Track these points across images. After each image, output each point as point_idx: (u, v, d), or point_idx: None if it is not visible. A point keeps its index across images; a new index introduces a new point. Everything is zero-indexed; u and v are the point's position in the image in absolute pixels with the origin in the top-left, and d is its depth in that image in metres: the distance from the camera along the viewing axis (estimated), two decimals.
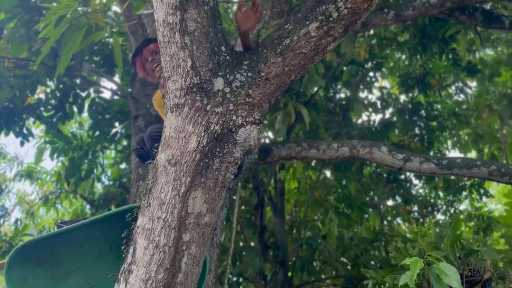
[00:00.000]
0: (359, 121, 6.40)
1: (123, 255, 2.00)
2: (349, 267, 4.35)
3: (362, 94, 6.62)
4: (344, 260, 4.48)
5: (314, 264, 4.76)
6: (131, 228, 2.00)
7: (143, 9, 2.91)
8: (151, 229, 1.77)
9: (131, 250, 1.84)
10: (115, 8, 3.40)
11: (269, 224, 5.21)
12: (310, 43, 1.79)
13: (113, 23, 2.34)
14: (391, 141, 5.61)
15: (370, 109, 6.06)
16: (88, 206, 8.28)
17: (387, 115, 6.48)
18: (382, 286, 2.50)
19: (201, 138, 1.77)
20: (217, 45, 1.84)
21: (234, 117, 1.79)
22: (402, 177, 7.51)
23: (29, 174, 9.01)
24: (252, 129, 1.82)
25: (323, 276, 5.08)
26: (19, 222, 7.74)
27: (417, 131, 6.87)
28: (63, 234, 2.09)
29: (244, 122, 1.81)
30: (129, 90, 3.82)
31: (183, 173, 1.77)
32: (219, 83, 1.81)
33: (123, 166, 7.15)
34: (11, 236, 6.69)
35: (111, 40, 3.18)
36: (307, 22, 1.79)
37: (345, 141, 3.23)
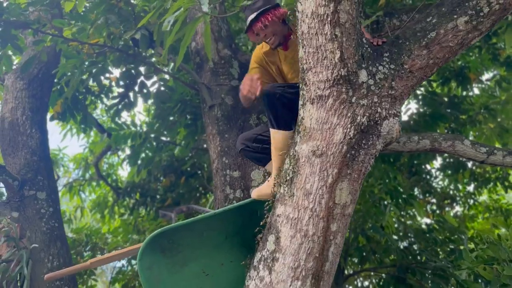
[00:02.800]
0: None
1: (256, 244, 2.05)
2: (405, 256, 4.39)
3: None
4: (402, 247, 4.53)
5: (364, 254, 4.82)
6: (265, 217, 2.03)
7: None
8: (298, 219, 1.80)
9: (271, 239, 1.87)
10: None
11: None
12: (457, 37, 1.80)
13: (209, 13, 2.33)
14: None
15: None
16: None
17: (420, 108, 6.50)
18: (478, 278, 2.54)
19: (348, 130, 1.78)
20: (360, 37, 1.85)
21: (379, 109, 1.81)
22: (423, 169, 7.55)
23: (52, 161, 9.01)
24: (395, 122, 1.84)
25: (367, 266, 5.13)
26: None
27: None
28: (189, 224, 2.12)
29: (387, 115, 1.83)
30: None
31: (330, 164, 1.79)
32: (363, 75, 1.82)
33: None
34: None
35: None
36: (455, 16, 1.79)
37: (426, 134, 3.24)
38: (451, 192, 8.17)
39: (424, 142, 3.23)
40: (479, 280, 2.95)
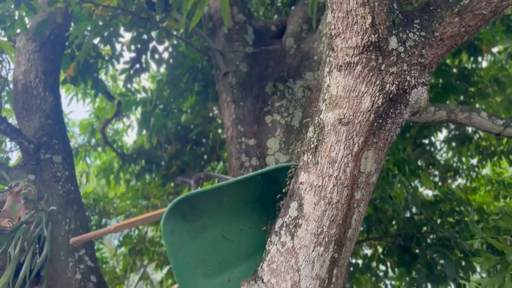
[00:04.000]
0: None
1: (277, 210, 2.06)
2: (411, 226, 4.46)
3: None
4: (408, 217, 4.59)
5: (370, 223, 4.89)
6: (287, 184, 2.04)
7: None
8: (322, 186, 1.80)
9: (294, 205, 1.89)
10: None
11: None
12: (491, 4, 1.75)
13: None
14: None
15: None
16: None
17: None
18: (489, 247, 2.59)
19: (376, 98, 1.76)
20: (391, 2, 1.80)
21: (408, 78, 1.78)
22: (427, 141, 7.58)
23: None
24: (423, 91, 1.82)
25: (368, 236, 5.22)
26: None
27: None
28: (210, 191, 2.13)
29: (416, 83, 1.80)
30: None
31: (356, 133, 1.78)
32: (393, 42, 1.78)
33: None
34: None
35: None
36: None
37: (442, 105, 3.21)
38: (454, 164, 8.22)
39: (440, 113, 3.22)
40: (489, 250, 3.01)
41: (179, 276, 2.03)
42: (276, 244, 1.93)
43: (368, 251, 6.33)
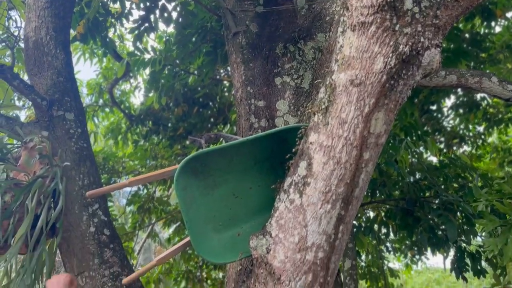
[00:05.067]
0: None
1: (286, 170, 2.12)
2: (415, 190, 4.53)
3: None
4: (412, 181, 4.66)
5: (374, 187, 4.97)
6: (297, 144, 2.08)
7: None
8: (331, 146, 1.84)
9: (303, 164, 1.93)
10: None
11: None
12: None
13: None
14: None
15: None
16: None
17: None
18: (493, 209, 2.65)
19: (389, 59, 1.76)
20: None
21: (422, 39, 1.77)
22: (434, 107, 7.55)
23: None
24: (436, 52, 1.81)
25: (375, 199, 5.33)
26: None
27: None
28: (221, 149, 2.18)
29: (429, 45, 1.79)
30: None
31: (368, 94, 1.79)
32: (408, 2, 1.75)
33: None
34: None
35: None
36: None
37: (453, 69, 3.19)
38: (460, 131, 8.21)
39: (451, 77, 3.19)
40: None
41: (190, 230, 2.11)
42: (284, 201, 1.99)
43: (371, 214, 6.47)
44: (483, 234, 3.99)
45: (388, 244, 7.59)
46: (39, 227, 2.50)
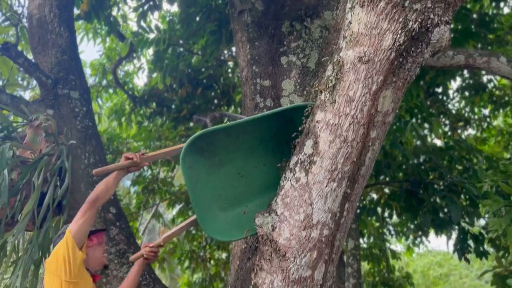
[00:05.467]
0: None
1: (292, 149, 2.11)
2: (420, 172, 4.53)
3: None
4: (417, 163, 4.65)
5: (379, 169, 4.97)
6: (303, 123, 2.07)
7: None
8: (338, 125, 1.83)
9: (309, 143, 1.92)
10: None
11: None
12: None
13: None
14: None
15: None
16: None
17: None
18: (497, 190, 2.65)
19: (398, 36, 1.73)
20: None
21: (431, 15, 1.73)
22: (440, 89, 7.48)
23: None
24: (446, 29, 1.78)
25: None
26: None
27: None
28: (226, 128, 2.17)
29: (439, 21, 1.76)
30: None
31: (376, 71, 1.77)
32: None
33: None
34: None
35: None
36: None
37: (461, 49, 3.15)
38: (466, 114, 8.16)
39: (458, 57, 3.15)
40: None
41: (197, 208, 2.13)
42: (290, 180, 1.99)
43: (375, 196, 6.48)
44: (487, 216, 4.00)
45: (390, 228, 7.63)
46: (45, 204, 2.52)
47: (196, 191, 2.14)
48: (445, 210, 4.46)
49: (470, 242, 4.70)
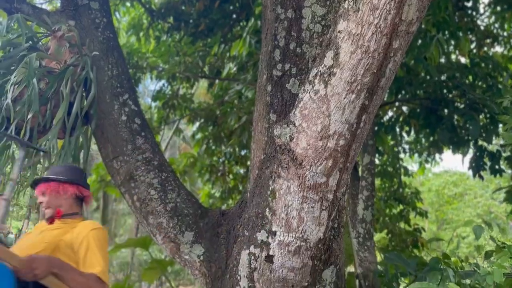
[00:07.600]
0: None
1: (311, 61, 2.11)
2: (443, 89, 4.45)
3: None
4: (441, 80, 4.55)
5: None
6: (325, 33, 2.05)
7: None
8: (360, 34, 1.81)
9: (330, 54, 1.92)
10: None
11: None
12: None
13: None
14: None
15: None
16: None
17: None
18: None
19: None
20: None
21: None
22: (470, 4, 7.04)
23: None
24: None
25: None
26: None
27: None
28: None
29: None
30: None
31: None
32: None
33: None
34: None
35: None
36: None
37: None
38: (494, 31, 7.76)
39: None
40: None
41: None
42: (309, 92, 2.02)
43: (394, 115, 6.47)
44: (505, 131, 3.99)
45: (405, 146, 7.70)
46: (74, 113, 2.64)
47: None
48: (464, 127, 4.46)
49: (486, 161, 4.75)
